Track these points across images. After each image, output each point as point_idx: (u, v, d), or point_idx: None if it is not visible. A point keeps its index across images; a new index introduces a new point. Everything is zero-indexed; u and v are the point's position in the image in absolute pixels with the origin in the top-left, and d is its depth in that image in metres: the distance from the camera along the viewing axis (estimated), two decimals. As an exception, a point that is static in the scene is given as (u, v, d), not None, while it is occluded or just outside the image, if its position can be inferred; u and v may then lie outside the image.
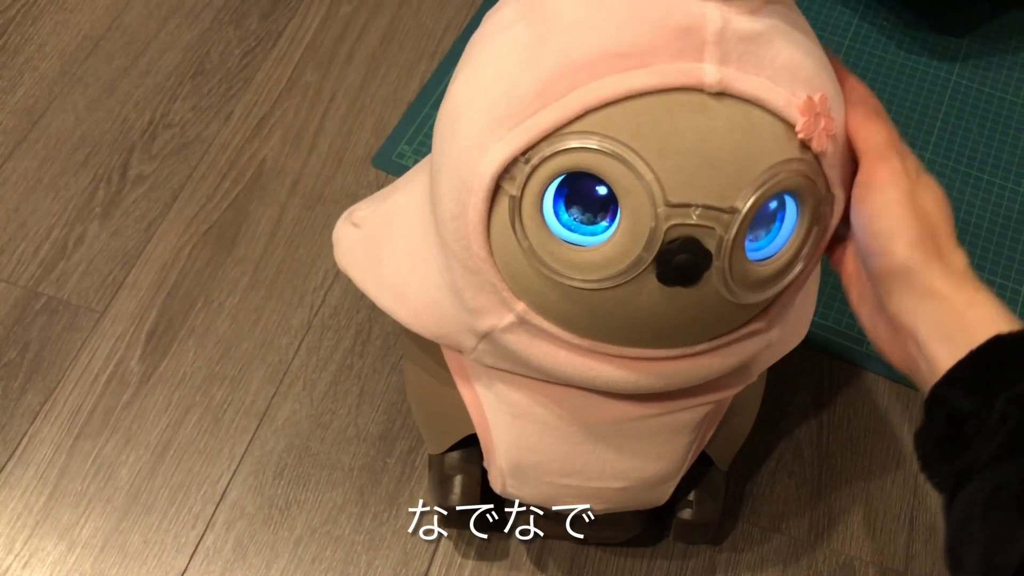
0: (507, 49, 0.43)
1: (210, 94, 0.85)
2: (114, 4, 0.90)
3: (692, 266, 0.41)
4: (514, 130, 0.41)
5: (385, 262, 0.53)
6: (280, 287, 0.75)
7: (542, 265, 0.43)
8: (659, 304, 0.43)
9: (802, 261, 0.45)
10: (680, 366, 0.47)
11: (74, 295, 0.74)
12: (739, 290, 0.43)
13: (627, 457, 0.53)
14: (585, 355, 0.46)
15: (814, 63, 0.43)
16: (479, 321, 0.47)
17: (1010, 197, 0.82)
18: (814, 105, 0.41)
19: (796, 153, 0.41)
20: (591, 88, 0.40)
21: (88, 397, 0.69)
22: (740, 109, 0.40)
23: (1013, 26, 0.93)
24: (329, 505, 0.66)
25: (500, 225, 0.43)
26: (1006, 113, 0.87)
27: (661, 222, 0.40)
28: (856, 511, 0.67)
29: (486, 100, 0.42)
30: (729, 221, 0.41)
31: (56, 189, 0.79)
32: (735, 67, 0.40)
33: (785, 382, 0.71)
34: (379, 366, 0.72)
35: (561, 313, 0.45)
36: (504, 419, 0.53)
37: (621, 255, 0.41)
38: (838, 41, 0.91)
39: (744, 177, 0.40)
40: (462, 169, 0.43)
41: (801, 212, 0.43)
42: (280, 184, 0.80)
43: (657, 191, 0.40)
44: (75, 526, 0.65)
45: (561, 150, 0.40)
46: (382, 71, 0.87)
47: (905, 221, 0.41)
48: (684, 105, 0.40)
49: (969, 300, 0.40)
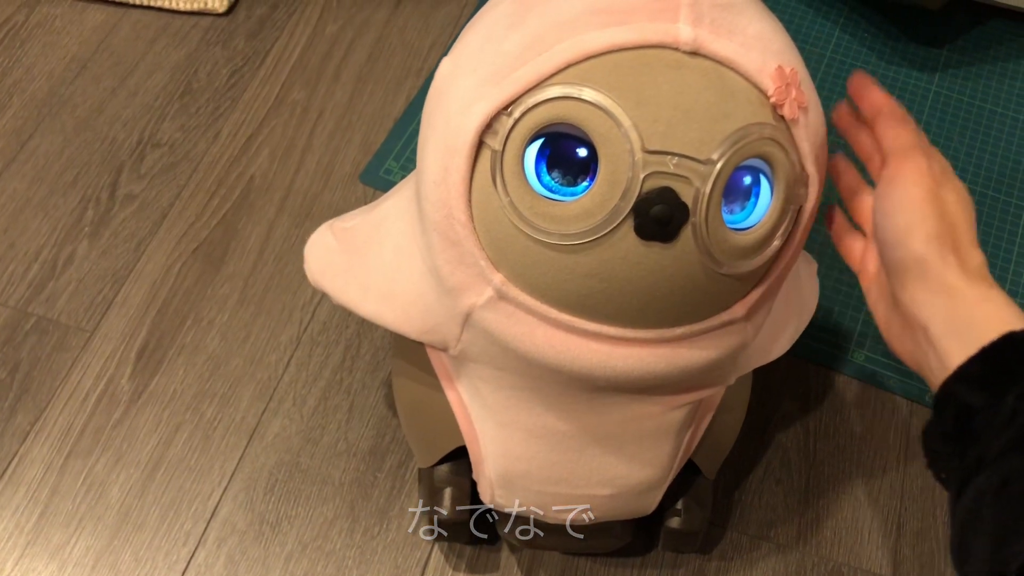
0: (494, 19, 0.46)
1: (198, 113, 0.85)
2: (102, 26, 0.91)
3: (669, 218, 0.42)
4: (498, 85, 0.43)
5: (372, 265, 0.54)
6: (269, 304, 0.75)
7: (521, 220, 0.43)
8: (638, 264, 0.43)
9: (779, 239, 0.45)
10: (658, 353, 0.47)
11: (64, 315, 0.74)
12: (718, 254, 0.44)
13: (613, 463, 0.54)
14: (563, 332, 0.46)
15: (783, 40, 0.46)
16: (459, 300, 0.47)
17: (991, 204, 0.83)
18: (785, 74, 0.43)
19: (769, 118, 0.43)
20: (573, 42, 0.42)
21: (78, 416, 0.70)
22: (714, 68, 0.43)
23: (991, 37, 0.94)
24: (320, 520, 0.66)
25: (482, 184, 0.44)
26: (986, 122, 0.88)
27: (639, 169, 0.41)
28: (844, 518, 0.68)
29: (473, 64, 0.45)
30: (706, 173, 0.42)
31: (45, 209, 0.79)
32: (708, 30, 0.43)
33: (771, 390, 0.72)
34: (368, 381, 0.72)
35: (540, 280, 0.45)
36: (491, 428, 0.54)
37: (599, 205, 0.42)
38: (819, 52, 0.92)
39: (719, 132, 0.42)
40: (448, 134, 0.45)
41: (776, 187, 0.44)
42: (268, 201, 0.80)
43: (635, 138, 0.41)
44: (66, 545, 0.65)
45: (542, 100, 0.42)
46: (369, 89, 0.88)
47: (924, 216, 0.42)
48: (660, 60, 0.42)
49: (982, 296, 0.40)
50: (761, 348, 0.54)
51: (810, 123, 0.45)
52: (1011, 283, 0.78)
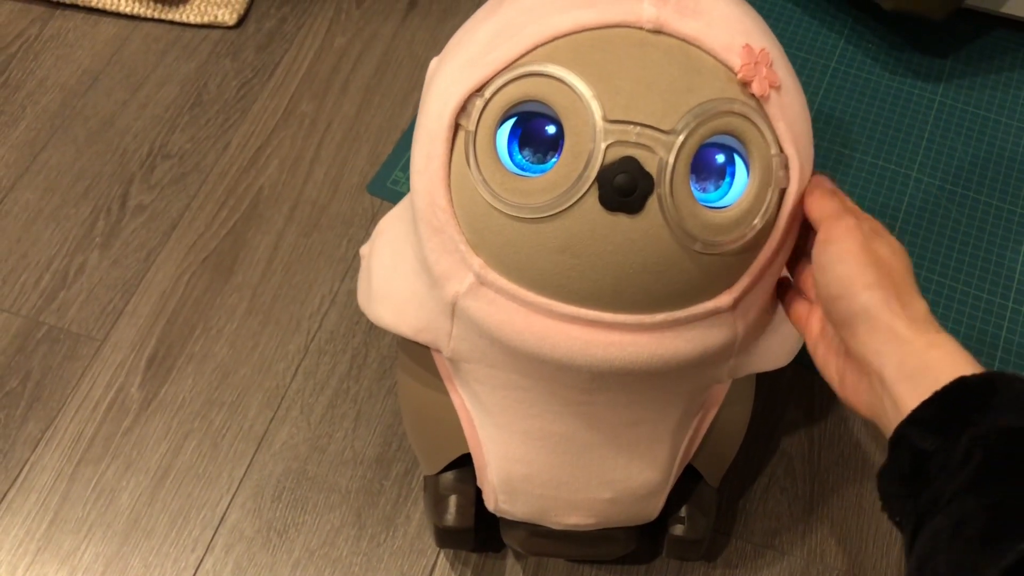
0: (476, 15, 0.49)
1: (208, 125, 0.86)
2: (113, 39, 0.92)
3: (632, 187, 0.42)
4: (471, 68, 0.45)
5: (374, 272, 0.56)
6: (277, 313, 0.76)
7: (493, 197, 0.45)
8: (607, 237, 0.44)
9: (759, 219, 0.45)
10: (640, 341, 0.46)
11: (75, 324, 0.75)
12: (688, 228, 0.44)
13: (611, 466, 0.54)
14: (542, 316, 0.46)
15: (753, 23, 0.47)
16: (445, 290, 0.49)
17: (995, 214, 0.83)
18: (753, 52, 0.44)
19: (738, 95, 0.44)
20: (540, 25, 0.44)
21: (89, 424, 0.70)
22: (679, 46, 0.44)
23: (995, 47, 0.95)
24: (327, 527, 0.67)
25: (459, 168, 0.46)
26: (989, 132, 0.88)
27: (600, 139, 0.42)
28: (848, 526, 0.68)
29: (452, 54, 0.47)
30: (669, 143, 0.43)
31: (57, 220, 0.80)
32: (673, 10, 0.44)
33: (776, 399, 0.72)
34: (375, 390, 0.73)
35: (515, 261, 0.46)
36: (491, 431, 0.54)
37: (564, 177, 0.43)
38: (824, 63, 0.93)
39: (683, 104, 0.43)
40: (429, 122, 0.47)
41: (752, 166, 0.45)
42: (277, 212, 0.81)
43: (596, 109, 0.43)
44: (76, 552, 0.65)
45: (510, 79, 0.44)
46: (376, 101, 0.89)
47: (861, 266, 0.43)
48: (624, 38, 0.44)
49: (930, 342, 0.41)
50: (764, 351, 0.54)
51: (785, 103, 0.45)
52: (1016, 291, 0.79)
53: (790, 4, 0.97)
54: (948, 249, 0.81)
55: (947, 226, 0.82)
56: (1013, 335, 0.76)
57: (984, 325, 0.77)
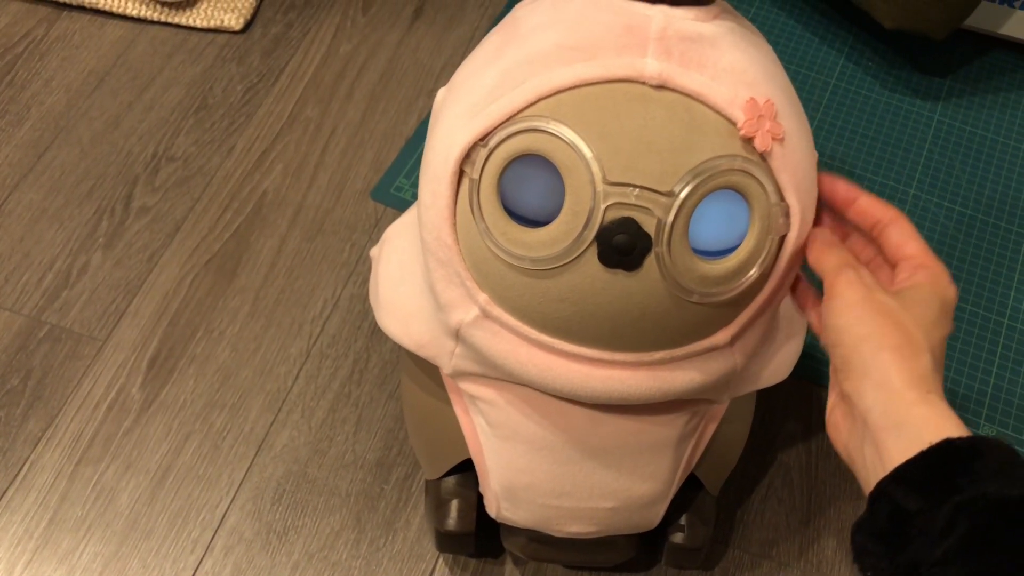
0: (481, 54, 0.48)
1: (213, 128, 0.87)
2: (120, 41, 0.92)
3: (630, 247, 0.43)
4: (475, 117, 0.45)
5: (381, 280, 0.56)
6: (279, 316, 0.76)
7: (495, 246, 0.45)
8: (605, 291, 0.44)
9: (756, 268, 0.46)
10: (638, 376, 0.48)
11: (77, 324, 0.75)
12: (685, 283, 0.44)
13: (614, 476, 0.54)
14: (545, 352, 0.48)
15: (761, 71, 0.46)
16: (450, 317, 0.49)
17: (992, 232, 0.84)
18: (757, 106, 0.44)
19: (740, 151, 0.44)
20: (542, 78, 0.44)
21: (89, 424, 0.70)
22: (681, 102, 0.44)
23: (993, 67, 0.96)
24: (326, 531, 0.67)
25: (464, 211, 0.46)
26: (987, 151, 0.90)
27: (600, 200, 0.43)
28: (845, 538, 0.68)
29: (457, 95, 0.47)
30: (667, 205, 0.43)
31: (60, 220, 0.80)
32: (677, 63, 0.44)
33: (775, 410, 0.73)
34: (376, 394, 0.73)
35: (518, 302, 0.46)
36: (493, 442, 0.55)
37: (565, 234, 0.44)
38: (824, 80, 0.94)
39: (683, 164, 0.43)
40: (435, 161, 0.47)
41: (752, 218, 0.45)
42: (281, 216, 0.82)
43: (597, 170, 0.43)
44: (75, 551, 0.65)
45: (513, 133, 0.44)
46: (381, 107, 0.89)
47: (859, 319, 0.44)
48: (626, 94, 0.43)
49: (920, 399, 0.41)
50: (756, 375, 0.55)
51: (790, 154, 0.45)
52: (1012, 309, 0.79)
53: (791, 21, 0.98)
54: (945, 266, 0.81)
55: (944, 243, 0.83)
56: (1009, 351, 0.77)
57: (980, 341, 0.78)
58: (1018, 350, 0.77)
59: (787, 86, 0.48)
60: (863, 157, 0.88)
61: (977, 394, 0.75)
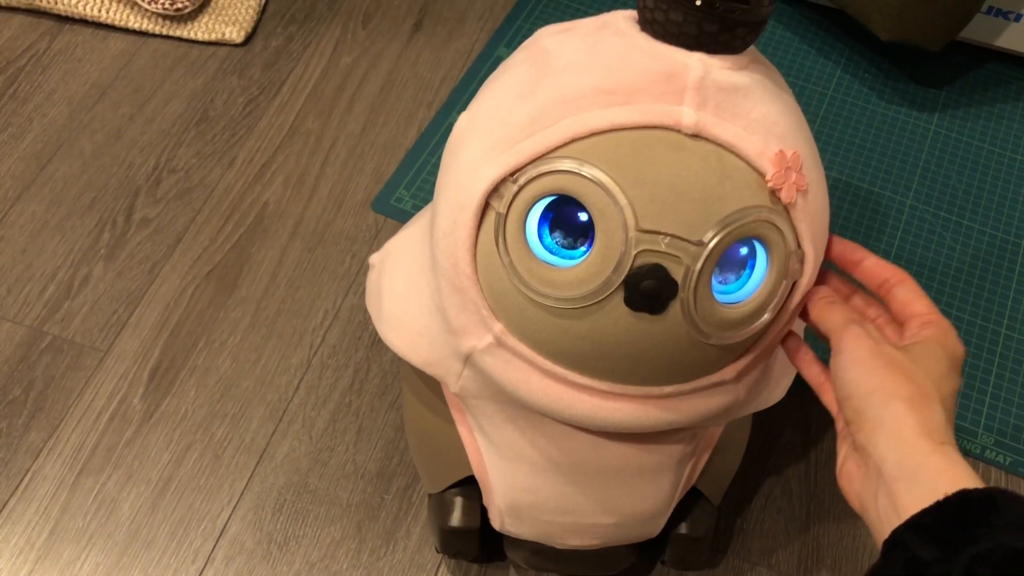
0: (509, 84, 0.47)
1: (214, 140, 0.87)
2: (122, 54, 0.93)
3: (657, 293, 0.43)
4: (506, 152, 0.45)
5: (385, 294, 0.56)
6: (280, 327, 0.77)
7: (520, 282, 0.45)
8: (627, 331, 0.45)
9: (769, 312, 0.47)
10: (647, 408, 0.49)
11: (78, 334, 0.75)
12: (704, 327, 0.45)
13: (617, 495, 0.55)
14: (557, 383, 0.48)
15: (790, 122, 0.46)
16: (462, 342, 0.49)
17: (989, 241, 0.85)
18: (785, 159, 0.44)
19: (766, 201, 0.44)
20: (578, 119, 0.44)
21: (91, 434, 0.71)
22: (714, 152, 0.44)
23: (989, 79, 0.97)
24: (327, 540, 0.67)
25: (486, 242, 0.46)
26: (983, 161, 0.90)
27: (631, 246, 0.43)
28: (843, 546, 0.69)
29: (485, 127, 0.46)
30: (696, 253, 0.43)
31: (62, 232, 0.81)
32: (712, 113, 0.44)
33: (774, 420, 0.73)
34: (377, 404, 0.73)
35: (536, 335, 0.47)
36: (497, 461, 0.55)
37: (593, 275, 0.44)
38: (821, 91, 0.94)
39: (713, 214, 0.43)
40: (459, 190, 0.46)
41: (770, 262, 0.46)
42: (281, 227, 0.82)
43: (630, 216, 0.43)
44: (76, 561, 0.65)
45: (545, 172, 0.44)
46: (381, 119, 0.90)
47: (869, 372, 0.44)
48: (662, 141, 0.43)
49: (934, 449, 0.42)
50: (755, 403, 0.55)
51: (809, 204, 0.46)
52: (1008, 318, 0.80)
53: (788, 33, 0.99)
54: (942, 275, 0.82)
55: (941, 252, 0.83)
56: (1006, 360, 0.78)
57: (977, 351, 0.78)
58: (1015, 359, 0.78)
59: (809, 137, 0.48)
60: (860, 168, 0.89)
61: (975, 403, 0.75)
